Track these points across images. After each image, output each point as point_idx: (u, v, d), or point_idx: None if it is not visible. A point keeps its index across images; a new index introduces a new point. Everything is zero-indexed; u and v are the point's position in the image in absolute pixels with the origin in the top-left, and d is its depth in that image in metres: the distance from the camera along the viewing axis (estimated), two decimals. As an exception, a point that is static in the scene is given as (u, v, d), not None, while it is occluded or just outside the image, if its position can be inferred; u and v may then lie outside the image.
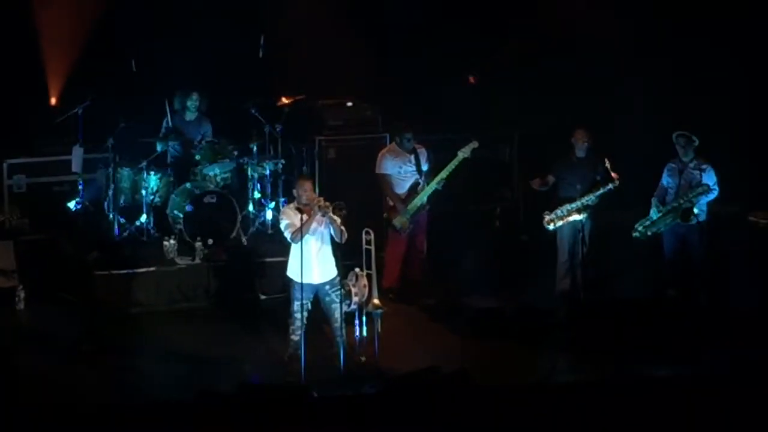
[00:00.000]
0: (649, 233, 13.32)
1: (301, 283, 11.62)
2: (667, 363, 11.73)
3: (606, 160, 13.16)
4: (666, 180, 13.38)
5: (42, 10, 15.18)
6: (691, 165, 13.23)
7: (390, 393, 9.98)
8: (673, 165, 13.33)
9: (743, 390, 9.09)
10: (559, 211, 13.25)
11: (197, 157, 14.36)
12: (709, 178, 13.18)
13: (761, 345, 12.01)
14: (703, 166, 13.20)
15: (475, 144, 13.53)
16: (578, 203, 13.20)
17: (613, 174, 13.10)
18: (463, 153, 13.49)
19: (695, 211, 13.07)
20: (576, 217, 13.18)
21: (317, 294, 11.85)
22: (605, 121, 14.94)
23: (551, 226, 13.32)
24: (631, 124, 15.45)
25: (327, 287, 11.81)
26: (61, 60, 15.35)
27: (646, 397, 8.99)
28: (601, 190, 13.17)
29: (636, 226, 13.35)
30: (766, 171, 15.35)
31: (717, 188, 13.14)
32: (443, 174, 13.52)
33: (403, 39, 15.82)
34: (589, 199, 13.19)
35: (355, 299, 11.86)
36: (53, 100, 15.44)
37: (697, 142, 13.22)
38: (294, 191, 11.84)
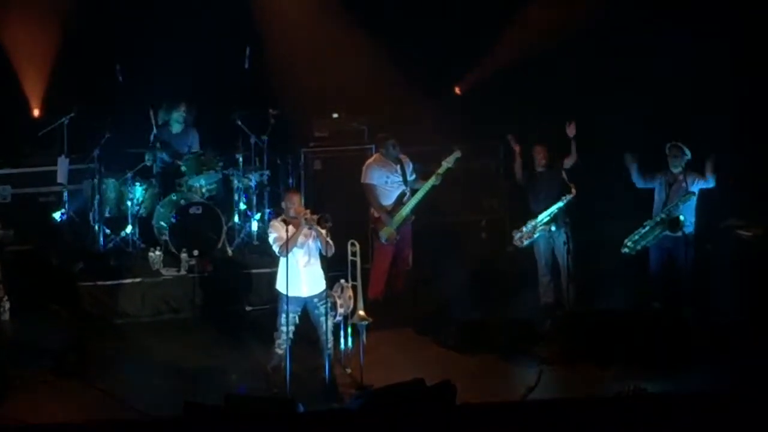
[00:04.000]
0: (638, 247, 13.33)
1: (287, 296, 11.59)
2: (653, 376, 11.73)
3: (563, 172, 13.37)
4: (656, 192, 13.39)
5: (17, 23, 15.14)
6: (681, 177, 13.27)
7: (374, 405, 9.97)
8: (664, 177, 13.36)
9: (730, 403, 9.10)
10: (524, 228, 13.41)
11: (183, 168, 14.36)
12: (696, 186, 13.21)
13: (747, 357, 12.03)
14: (692, 177, 13.23)
15: (458, 153, 13.58)
16: (540, 217, 13.34)
17: (569, 185, 13.26)
18: (447, 163, 13.55)
19: (681, 218, 13.09)
20: (544, 230, 13.29)
21: (306, 307, 11.84)
22: (596, 130, 14.97)
23: (523, 244, 13.43)
24: (621, 133, 15.43)
25: (316, 300, 11.79)
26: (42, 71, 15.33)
27: (631, 410, 9.00)
28: (560, 203, 13.33)
29: (625, 241, 13.34)
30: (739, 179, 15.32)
31: (700, 187, 13.19)
32: (428, 184, 13.54)
33: (389, 50, 15.79)
34: (550, 212, 13.32)
35: (341, 311, 11.85)
36: (36, 112, 15.39)
37: (689, 156, 13.25)
38: (282, 204, 11.87)
